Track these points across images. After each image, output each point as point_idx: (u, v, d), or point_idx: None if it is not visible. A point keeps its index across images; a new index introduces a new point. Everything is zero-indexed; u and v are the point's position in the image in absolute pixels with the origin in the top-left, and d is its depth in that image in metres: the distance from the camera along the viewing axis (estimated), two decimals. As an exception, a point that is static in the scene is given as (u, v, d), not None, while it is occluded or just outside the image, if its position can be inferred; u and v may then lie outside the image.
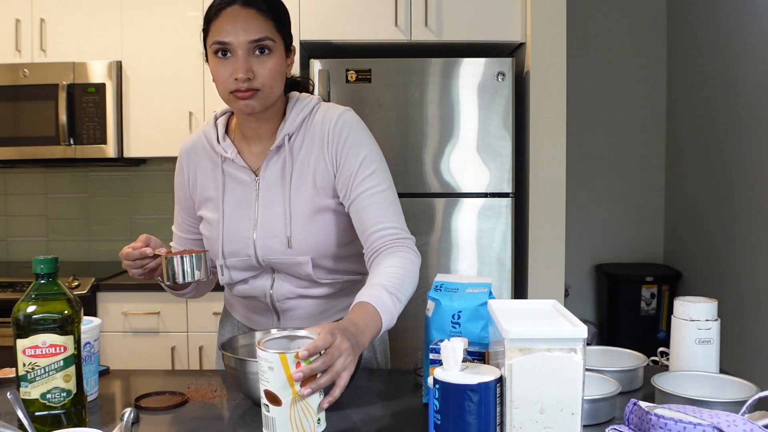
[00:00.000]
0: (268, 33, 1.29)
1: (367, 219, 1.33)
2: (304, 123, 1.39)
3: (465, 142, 2.59)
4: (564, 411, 0.88)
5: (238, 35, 1.28)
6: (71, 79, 2.88)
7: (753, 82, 3.11)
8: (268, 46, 1.29)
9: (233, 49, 1.29)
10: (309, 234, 1.37)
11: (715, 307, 1.28)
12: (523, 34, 2.65)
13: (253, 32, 1.28)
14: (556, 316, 0.96)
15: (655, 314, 3.86)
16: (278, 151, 1.38)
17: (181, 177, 1.50)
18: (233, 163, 1.40)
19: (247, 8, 1.29)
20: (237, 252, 1.40)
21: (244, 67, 1.28)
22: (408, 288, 1.27)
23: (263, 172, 1.39)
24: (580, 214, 4.02)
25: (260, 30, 1.28)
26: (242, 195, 1.40)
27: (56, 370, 1.06)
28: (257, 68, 1.29)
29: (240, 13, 1.29)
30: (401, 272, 1.27)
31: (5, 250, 3.37)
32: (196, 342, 2.75)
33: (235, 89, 1.30)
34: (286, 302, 1.45)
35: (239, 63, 1.28)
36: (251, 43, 1.28)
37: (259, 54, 1.29)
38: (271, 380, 0.94)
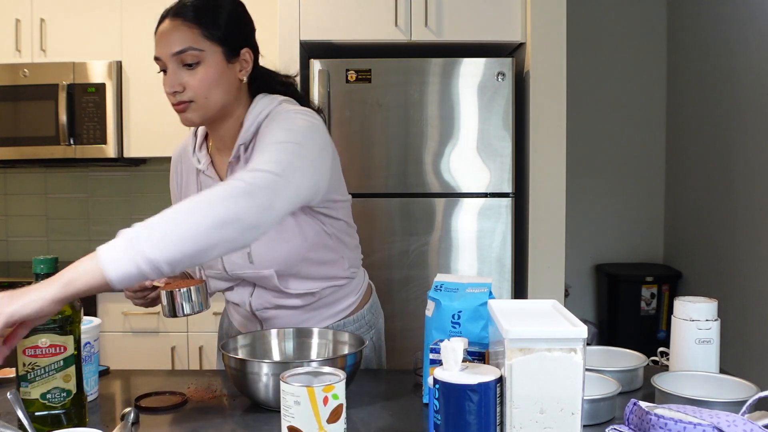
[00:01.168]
0: (192, 43, 1.26)
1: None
2: (258, 131, 1.31)
3: (465, 142, 2.59)
4: (564, 411, 0.88)
5: (163, 48, 1.27)
6: (71, 79, 2.88)
7: (753, 82, 3.10)
8: (193, 56, 1.26)
9: (164, 64, 1.28)
10: (269, 248, 1.34)
11: (715, 307, 1.28)
12: (523, 34, 2.65)
13: (175, 44, 1.26)
14: (556, 316, 0.96)
15: (655, 314, 3.86)
16: (237, 163, 1.35)
17: (174, 183, 1.54)
18: (205, 173, 1.40)
19: (174, 20, 1.27)
20: (211, 265, 1.41)
21: (170, 82, 1.26)
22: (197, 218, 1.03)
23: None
24: (580, 214, 4.02)
25: (182, 41, 1.25)
26: None
27: (56, 370, 1.06)
28: (187, 80, 1.26)
29: (167, 27, 1.27)
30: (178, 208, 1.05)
31: (5, 250, 3.37)
32: (196, 342, 2.75)
33: (173, 103, 1.29)
34: (265, 312, 1.46)
35: (168, 76, 1.27)
36: (174, 55, 1.26)
37: (189, 66, 1.26)
38: (296, 415, 0.91)
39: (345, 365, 1.18)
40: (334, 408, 0.92)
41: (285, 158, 1.16)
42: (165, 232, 1.01)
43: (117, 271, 1.00)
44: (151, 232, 1.01)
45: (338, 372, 0.97)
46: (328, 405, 0.92)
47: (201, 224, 1.02)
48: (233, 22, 1.31)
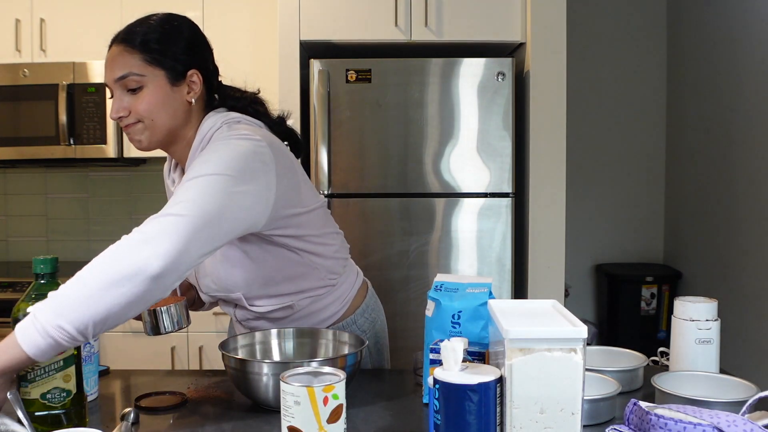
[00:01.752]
0: (133, 69, 1.26)
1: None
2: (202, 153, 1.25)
3: (465, 142, 2.59)
4: (564, 411, 0.88)
5: (107, 75, 1.28)
6: (71, 79, 2.88)
7: (753, 82, 3.11)
8: (135, 81, 1.26)
9: (111, 90, 1.29)
10: (228, 273, 1.34)
11: (715, 307, 1.28)
12: (523, 34, 2.65)
13: (117, 70, 1.27)
14: (556, 316, 0.96)
15: (655, 314, 3.86)
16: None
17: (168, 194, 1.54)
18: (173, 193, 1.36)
19: (117, 46, 1.29)
20: (194, 284, 1.45)
21: (116, 107, 1.27)
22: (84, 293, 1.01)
23: None
24: (580, 214, 4.02)
25: (124, 67, 1.26)
26: None
27: (56, 370, 1.06)
28: (131, 104, 1.27)
29: (113, 53, 1.29)
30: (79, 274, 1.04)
31: (5, 250, 3.37)
32: (196, 342, 2.75)
33: (122, 126, 1.30)
34: (249, 322, 1.48)
35: (114, 102, 1.28)
36: (116, 81, 1.27)
37: (132, 91, 1.27)
38: (296, 415, 0.92)
39: (345, 365, 1.18)
40: (334, 408, 0.92)
41: (197, 195, 1.12)
42: (67, 297, 1.00)
43: (29, 345, 0.99)
44: (54, 300, 1.01)
45: (338, 372, 0.97)
46: (328, 405, 0.92)
47: (101, 282, 1.02)
48: (176, 46, 1.30)
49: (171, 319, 1.32)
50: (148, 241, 1.06)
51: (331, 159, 2.57)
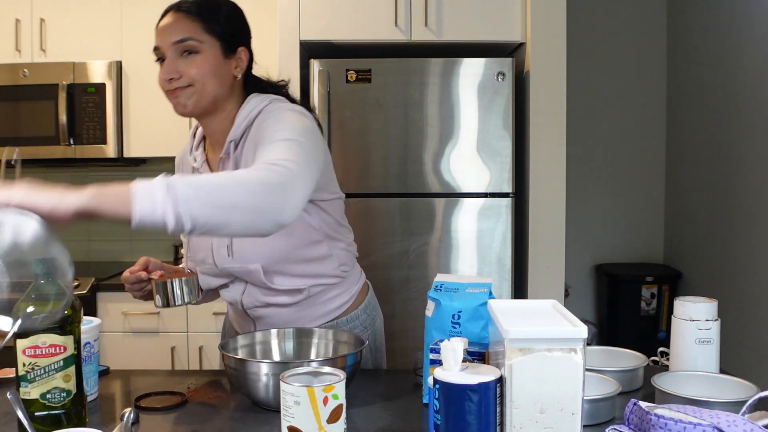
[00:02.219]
0: (192, 34, 1.32)
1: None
2: (249, 128, 1.36)
3: (465, 142, 2.59)
4: (564, 411, 0.88)
5: (164, 38, 1.33)
6: (71, 79, 2.88)
7: (753, 82, 3.11)
8: (193, 46, 1.32)
9: (164, 54, 1.34)
10: (251, 242, 1.35)
11: (715, 307, 1.28)
12: (523, 34, 2.65)
13: (176, 34, 1.32)
14: (556, 316, 0.96)
15: (655, 314, 3.86)
16: (228, 160, 1.38)
17: None
18: (199, 171, 1.43)
19: (176, 13, 1.35)
20: (204, 260, 1.43)
21: (168, 69, 1.32)
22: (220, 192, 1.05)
23: None
24: (580, 214, 4.02)
25: (183, 31, 1.32)
26: None
27: (56, 370, 1.06)
28: (184, 68, 1.32)
29: (169, 19, 1.34)
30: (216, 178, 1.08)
31: (5, 250, 3.37)
32: (196, 342, 2.75)
33: (167, 90, 1.34)
34: (255, 310, 1.47)
35: (166, 65, 1.33)
36: (174, 44, 1.32)
37: (187, 55, 1.33)
38: (296, 415, 0.92)
39: (345, 365, 1.18)
40: (334, 408, 0.92)
41: (297, 154, 1.17)
42: (198, 196, 1.03)
43: (143, 209, 1.01)
44: (189, 189, 1.03)
45: (338, 372, 0.97)
46: (328, 405, 0.92)
47: (235, 202, 1.05)
48: (232, 21, 1.38)
49: (182, 292, 1.33)
50: (286, 190, 1.09)
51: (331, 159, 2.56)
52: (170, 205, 1.01)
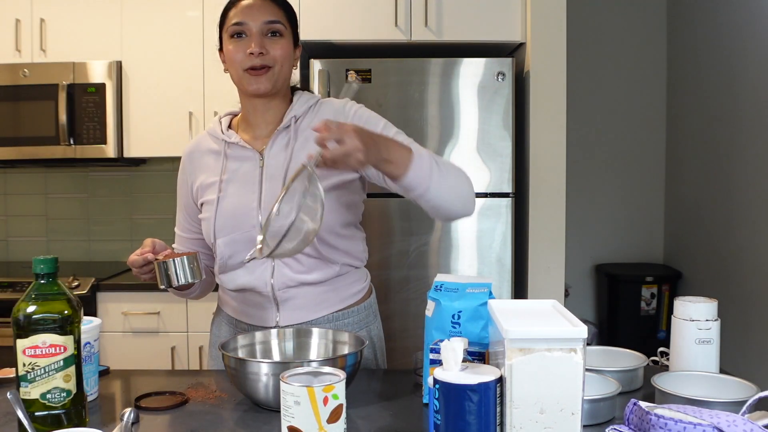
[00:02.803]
0: (280, 18, 1.42)
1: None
2: (311, 109, 1.49)
3: (465, 142, 2.59)
4: (564, 411, 0.88)
5: (254, 16, 1.40)
6: (71, 79, 2.88)
7: (753, 82, 3.11)
8: (280, 30, 1.42)
9: (248, 30, 1.41)
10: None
11: (715, 307, 1.28)
12: (523, 34, 2.65)
13: (267, 15, 1.41)
14: (556, 316, 0.96)
15: (655, 314, 3.86)
16: (284, 132, 1.47)
17: (183, 176, 1.56)
18: (236, 146, 1.47)
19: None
20: (240, 225, 1.43)
21: (259, 43, 1.39)
22: (451, 174, 1.35)
23: (268, 151, 1.45)
24: (580, 214, 4.02)
25: (274, 14, 1.42)
26: (247, 173, 1.45)
27: (56, 370, 1.06)
28: (269, 47, 1.41)
29: (256, 1, 1.42)
30: (446, 161, 1.38)
31: (5, 250, 3.37)
32: (196, 342, 2.75)
33: (250, 66, 1.40)
34: (287, 291, 1.45)
35: (254, 40, 1.39)
36: (265, 23, 1.40)
37: (272, 36, 1.41)
38: (296, 415, 0.92)
39: (345, 365, 1.18)
40: (334, 408, 0.92)
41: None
42: (447, 181, 1.33)
43: (415, 174, 1.28)
44: (440, 174, 1.31)
45: (338, 372, 0.97)
46: (328, 405, 0.92)
47: (463, 194, 1.37)
48: (296, 18, 1.51)
49: (184, 271, 1.32)
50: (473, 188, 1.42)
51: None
52: (429, 181, 1.29)
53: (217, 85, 2.96)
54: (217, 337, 1.58)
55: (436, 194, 1.31)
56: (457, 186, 1.35)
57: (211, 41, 2.95)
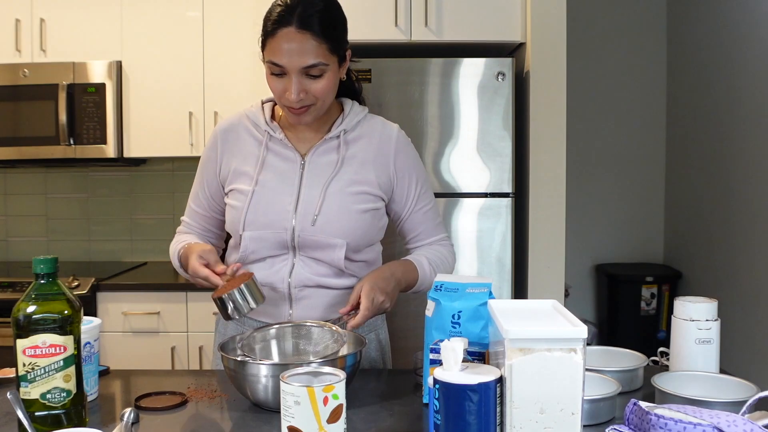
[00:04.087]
0: (321, 58, 1.34)
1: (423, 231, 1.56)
2: (359, 124, 1.49)
3: (465, 142, 2.59)
4: (564, 411, 0.88)
5: (292, 59, 1.32)
6: (71, 79, 2.88)
7: (753, 82, 3.11)
8: (320, 70, 1.35)
9: (287, 72, 1.34)
10: (338, 216, 1.42)
11: (715, 307, 1.28)
12: (523, 34, 2.65)
13: (306, 58, 1.32)
14: (556, 316, 0.96)
15: (655, 314, 3.86)
16: (331, 141, 1.46)
17: (213, 153, 1.52)
18: (280, 142, 1.46)
19: (302, 32, 1.31)
20: (272, 223, 1.43)
21: (297, 89, 1.34)
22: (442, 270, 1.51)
23: (311, 156, 1.46)
24: (580, 214, 4.02)
25: (314, 56, 1.33)
26: (286, 173, 1.45)
27: (56, 370, 1.06)
28: (310, 87, 1.35)
29: (295, 38, 1.31)
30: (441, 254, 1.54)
31: (5, 250, 3.37)
32: (196, 342, 2.75)
33: (289, 105, 1.38)
34: (303, 290, 1.46)
35: (292, 85, 1.34)
36: (304, 68, 1.33)
37: (312, 77, 1.35)
38: (296, 415, 0.92)
39: (345, 365, 1.18)
40: (334, 408, 0.92)
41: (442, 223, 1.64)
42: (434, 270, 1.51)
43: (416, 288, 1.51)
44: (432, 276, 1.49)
45: (338, 372, 0.97)
46: (328, 405, 0.92)
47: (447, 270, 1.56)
48: (343, 29, 1.42)
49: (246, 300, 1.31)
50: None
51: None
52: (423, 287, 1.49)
53: (217, 85, 2.96)
54: (223, 336, 1.58)
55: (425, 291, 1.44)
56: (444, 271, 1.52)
57: (211, 41, 2.95)
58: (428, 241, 1.56)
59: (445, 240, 1.59)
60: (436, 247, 1.55)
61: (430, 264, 1.49)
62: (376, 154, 1.47)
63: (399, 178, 1.49)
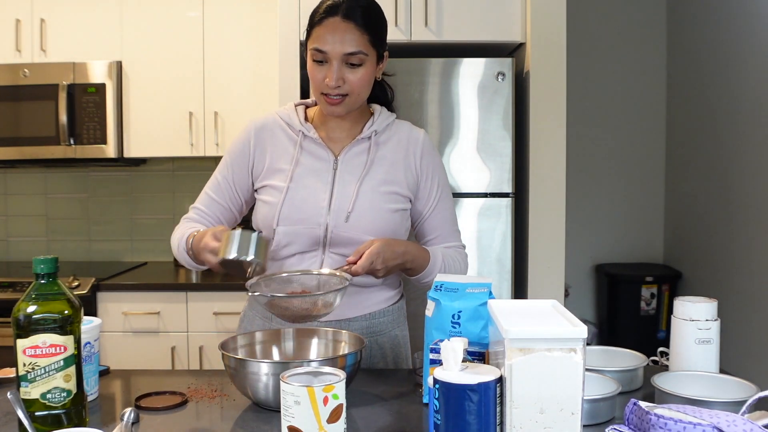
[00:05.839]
0: (363, 47, 1.41)
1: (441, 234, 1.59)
2: (388, 127, 1.56)
3: (465, 142, 2.59)
4: (564, 411, 0.88)
5: (335, 46, 1.39)
6: (71, 79, 2.88)
7: (752, 82, 3.11)
8: (361, 59, 1.41)
9: (329, 58, 1.40)
10: (370, 213, 1.47)
11: (715, 307, 1.28)
12: (523, 34, 2.65)
13: (348, 45, 1.39)
14: (556, 316, 0.96)
15: (655, 314, 3.86)
16: (363, 142, 1.52)
17: (246, 148, 1.54)
18: (314, 141, 1.51)
19: (346, 21, 1.40)
20: (306, 219, 1.47)
21: (336, 76, 1.40)
22: (453, 270, 1.54)
23: (344, 156, 1.51)
24: (580, 214, 4.02)
25: (356, 44, 1.40)
26: (319, 171, 1.50)
27: (56, 370, 1.06)
28: (348, 76, 1.41)
29: (340, 26, 1.39)
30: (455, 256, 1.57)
31: (5, 250, 3.37)
32: (196, 342, 2.75)
33: (326, 93, 1.43)
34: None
35: (332, 71, 1.40)
36: (346, 55, 1.40)
37: (352, 65, 1.41)
38: (296, 415, 0.92)
39: (345, 365, 1.18)
40: (334, 408, 0.93)
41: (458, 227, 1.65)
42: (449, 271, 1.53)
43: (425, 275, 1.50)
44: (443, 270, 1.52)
45: (338, 372, 0.97)
46: (328, 405, 0.92)
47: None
48: (384, 27, 1.48)
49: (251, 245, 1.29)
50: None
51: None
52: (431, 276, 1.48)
53: (217, 85, 2.96)
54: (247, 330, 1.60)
55: (429, 282, 1.46)
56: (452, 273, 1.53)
57: (211, 41, 2.95)
58: (444, 245, 1.58)
59: (461, 248, 1.62)
60: (452, 251, 1.58)
61: (443, 259, 1.51)
62: (404, 155, 1.53)
63: (423, 179, 1.55)
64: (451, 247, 1.59)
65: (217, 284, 2.73)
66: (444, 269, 1.50)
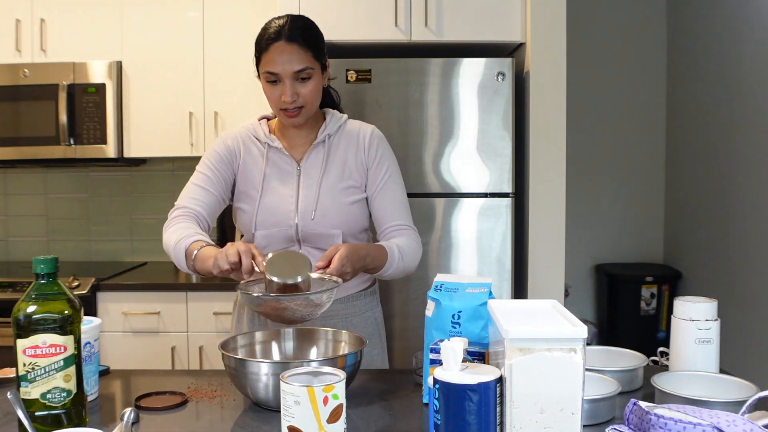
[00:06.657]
0: (308, 63, 1.57)
1: (386, 215, 1.68)
2: (340, 128, 1.70)
3: (465, 142, 2.59)
4: (564, 411, 0.88)
5: (285, 66, 1.55)
6: (71, 79, 2.88)
7: (752, 82, 3.11)
8: (309, 74, 1.58)
9: (281, 78, 1.56)
10: (333, 210, 1.62)
11: (715, 307, 1.28)
12: (523, 34, 2.65)
13: (296, 64, 1.55)
14: (556, 316, 0.96)
15: (655, 314, 3.86)
16: (318, 146, 1.67)
17: (229, 153, 1.68)
18: (279, 152, 1.66)
19: (290, 43, 1.56)
20: (279, 222, 1.63)
21: (291, 92, 1.56)
22: (409, 258, 1.63)
23: (305, 162, 1.66)
24: (580, 214, 4.02)
25: (302, 61, 1.56)
26: (285, 178, 1.65)
27: (56, 370, 1.06)
28: (300, 90, 1.58)
29: (285, 48, 1.56)
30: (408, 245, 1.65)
31: (5, 250, 3.37)
32: (196, 342, 2.75)
33: (284, 108, 1.59)
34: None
35: (286, 89, 1.56)
36: (295, 72, 1.56)
37: (302, 80, 1.57)
38: (296, 415, 0.92)
39: (345, 365, 1.19)
40: (334, 408, 0.93)
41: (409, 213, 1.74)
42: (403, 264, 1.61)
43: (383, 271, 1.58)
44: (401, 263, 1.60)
45: (338, 372, 0.97)
46: (328, 405, 0.92)
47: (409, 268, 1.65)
48: (322, 41, 1.64)
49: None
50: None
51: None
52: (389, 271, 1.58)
53: (217, 85, 2.96)
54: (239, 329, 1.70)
55: (389, 276, 1.60)
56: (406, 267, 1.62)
57: (211, 41, 2.95)
58: (393, 224, 1.67)
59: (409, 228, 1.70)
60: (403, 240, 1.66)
61: (399, 251, 1.60)
62: (355, 151, 1.68)
63: (372, 166, 1.68)
64: (401, 228, 1.67)
65: (217, 284, 2.73)
66: (402, 259, 1.59)
